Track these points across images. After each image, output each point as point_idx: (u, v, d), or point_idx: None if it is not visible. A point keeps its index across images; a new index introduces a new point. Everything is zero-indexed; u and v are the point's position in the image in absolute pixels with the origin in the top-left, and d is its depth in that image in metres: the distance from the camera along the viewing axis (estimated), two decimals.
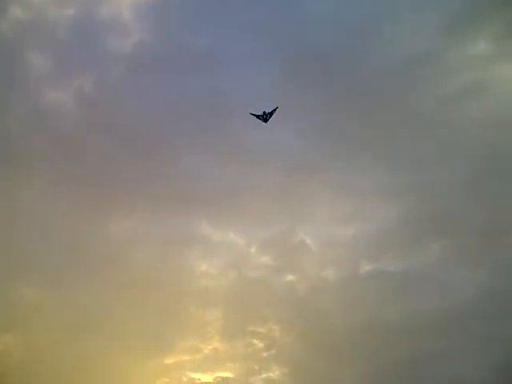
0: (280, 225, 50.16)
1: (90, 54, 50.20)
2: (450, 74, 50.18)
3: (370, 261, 50.32)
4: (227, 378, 45.32)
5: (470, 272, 47.53)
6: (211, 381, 44.45)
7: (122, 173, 46.92)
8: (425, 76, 50.72)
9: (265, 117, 16.14)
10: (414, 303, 46.96)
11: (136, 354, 44.36)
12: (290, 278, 49.78)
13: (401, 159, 50.48)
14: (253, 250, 50.40)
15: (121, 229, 47.72)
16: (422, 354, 44.27)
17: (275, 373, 46.52)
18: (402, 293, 48.24)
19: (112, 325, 44.37)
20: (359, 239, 49.28)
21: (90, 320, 44.12)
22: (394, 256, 50.67)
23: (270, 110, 16.49)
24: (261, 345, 46.82)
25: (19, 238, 45.80)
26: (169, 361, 45.42)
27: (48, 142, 46.86)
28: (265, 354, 46.76)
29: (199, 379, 44.16)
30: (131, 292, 45.45)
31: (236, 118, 48.32)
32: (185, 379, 44.78)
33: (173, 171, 48.17)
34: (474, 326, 44.28)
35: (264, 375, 46.19)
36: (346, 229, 50.71)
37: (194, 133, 48.21)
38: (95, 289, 44.80)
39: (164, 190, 47.65)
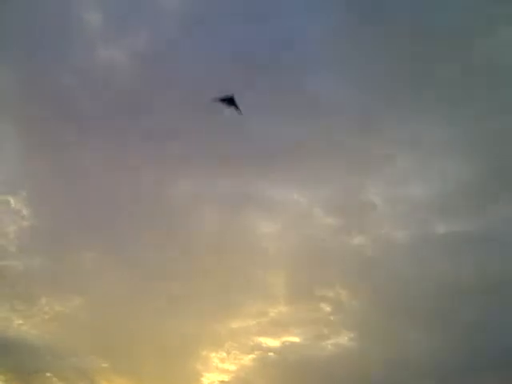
0: (345, 183, 47.44)
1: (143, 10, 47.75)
2: None
3: (443, 221, 47.34)
4: (294, 343, 44.59)
5: None
6: (278, 345, 43.84)
7: (181, 131, 44.96)
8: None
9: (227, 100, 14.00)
10: (492, 265, 44.35)
11: (201, 317, 44.17)
12: (356, 239, 47.52)
13: (477, 108, 46.15)
14: (317, 209, 48.00)
15: (181, 190, 46.29)
16: (497, 320, 42.13)
17: (344, 337, 45.40)
18: (479, 254, 45.46)
19: (175, 288, 44.08)
20: (432, 197, 46.10)
21: (153, 283, 44.00)
22: (470, 216, 47.39)
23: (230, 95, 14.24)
24: (328, 309, 45.44)
25: (78, 201, 45.41)
26: (235, 325, 44.98)
27: (104, 100, 45.37)
28: (332, 318, 45.50)
29: (266, 343, 43.57)
30: (193, 255, 44.93)
31: (297, 69, 45.44)
32: (251, 343, 44.43)
33: (232, 128, 45.93)
34: None
35: (332, 340, 45.18)
36: (417, 187, 47.68)
37: (254, 87, 45.23)
38: (157, 253, 44.44)
39: (223, 148, 45.60)
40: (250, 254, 45.98)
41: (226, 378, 44.26)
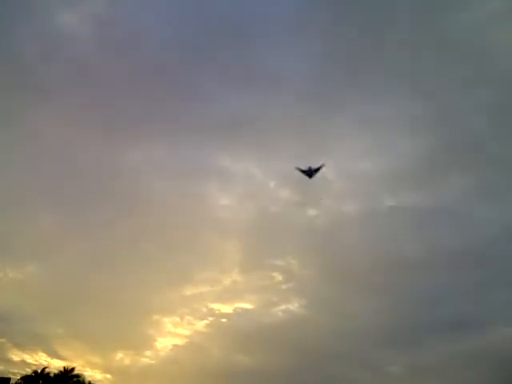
0: (300, 158, 48.71)
1: None
2: None
3: (391, 196, 49.54)
4: (246, 309, 45.89)
5: (494, 209, 46.85)
6: (231, 312, 45.02)
7: (138, 98, 45.45)
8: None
9: (310, 173, 15.14)
10: (434, 239, 46.62)
11: (155, 284, 44.70)
12: (309, 212, 49.22)
13: (426, 85, 48.04)
14: (272, 183, 49.50)
15: (137, 159, 47.09)
16: (439, 291, 44.33)
17: (294, 305, 47.04)
18: (422, 228, 47.74)
19: (130, 254, 44.55)
20: (381, 173, 47.91)
21: (108, 250, 44.38)
22: (416, 191, 49.75)
23: (315, 167, 15.47)
24: (280, 278, 47.00)
25: (35, 164, 45.26)
26: (189, 292, 46.03)
27: (63, 67, 45.44)
28: (284, 287, 47.08)
29: (219, 310, 44.68)
30: (149, 223, 45.36)
31: (259, 43, 46.52)
32: (204, 310, 45.47)
33: (190, 97, 46.73)
34: (494, 264, 44.11)
35: (283, 307, 46.73)
36: (367, 163, 49.64)
37: (214, 57, 45.98)
38: (112, 218, 44.76)
39: (181, 117, 46.41)
40: (206, 223, 46.96)
41: (179, 342, 45.16)
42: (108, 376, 39.03)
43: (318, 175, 51.37)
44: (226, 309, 45.05)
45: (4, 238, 43.33)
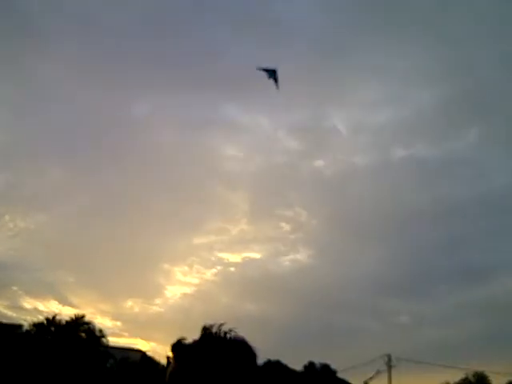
0: (310, 109, 47.99)
1: None
2: None
3: (402, 147, 49.13)
4: (254, 259, 46.26)
5: (507, 159, 46.23)
6: (239, 261, 45.31)
7: (146, 46, 43.99)
8: None
9: (272, 74, 13.63)
10: (444, 190, 46.29)
11: (164, 233, 45.13)
12: (318, 162, 49.04)
13: (438, 38, 46.27)
14: (281, 133, 48.74)
15: (144, 109, 46.19)
16: (449, 240, 44.46)
17: (301, 254, 47.55)
18: (435, 180, 47.26)
19: (139, 205, 44.59)
20: (393, 124, 46.98)
21: (117, 200, 44.56)
22: (429, 142, 49.21)
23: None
24: (287, 228, 47.20)
25: (40, 118, 44.80)
26: (197, 241, 46.29)
27: (63, 15, 44.07)
28: (292, 237, 47.32)
29: (227, 259, 44.94)
30: (157, 173, 45.20)
31: None
32: (213, 259, 45.76)
33: (197, 48, 45.35)
34: (504, 214, 43.77)
35: (291, 256, 47.26)
36: (379, 113, 48.72)
37: (226, 6, 44.29)
38: (121, 169, 44.42)
39: (190, 67, 45.11)
40: (214, 174, 46.81)
41: (188, 290, 45.88)
42: (118, 323, 39.92)
43: (323, 123, 50.82)
44: (235, 258, 45.46)
45: (13, 189, 43.89)
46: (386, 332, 41.07)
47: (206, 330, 1.02)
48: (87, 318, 26.08)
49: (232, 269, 45.91)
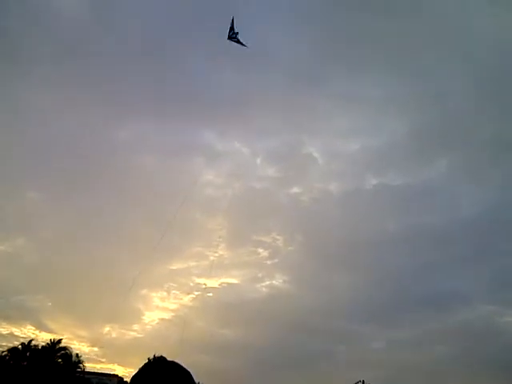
0: (287, 136, 49.49)
1: None
2: None
3: (375, 175, 50.41)
4: (232, 284, 46.84)
5: (476, 188, 47.82)
6: (217, 286, 45.76)
7: (125, 74, 45.27)
8: None
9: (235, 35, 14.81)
10: (416, 218, 47.70)
11: (142, 259, 45.06)
12: (294, 189, 50.03)
13: (413, 68, 48.40)
14: (258, 160, 49.93)
15: (124, 135, 47.20)
16: (420, 267, 45.70)
17: (278, 280, 48.13)
18: (406, 207, 48.84)
19: (118, 230, 45.22)
20: (366, 153, 48.51)
21: (95, 225, 44.97)
22: (400, 170, 50.89)
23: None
24: (265, 253, 47.91)
25: (21, 142, 45.33)
26: (175, 266, 46.73)
27: (50, 40, 45.03)
28: (268, 262, 48.06)
29: (205, 284, 45.15)
30: (136, 198, 45.81)
31: (246, 20, 46.01)
32: (191, 284, 46.17)
33: (177, 74, 46.77)
34: (475, 241, 45.33)
35: (267, 282, 47.83)
36: (353, 142, 50.37)
37: (200, 33, 45.73)
38: (99, 194, 45.05)
39: (168, 94, 46.30)
40: (193, 200, 47.29)
41: (166, 316, 46.15)
42: (95, 349, 39.88)
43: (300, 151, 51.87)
44: (212, 283, 45.56)
45: None
46: (359, 357, 41.70)
47: (149, 359, 1.84)
48: (64, 343, 26.27)
49: (209, 294, 46.14)
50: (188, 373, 1.76)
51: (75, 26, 46.17)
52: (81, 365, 25.78)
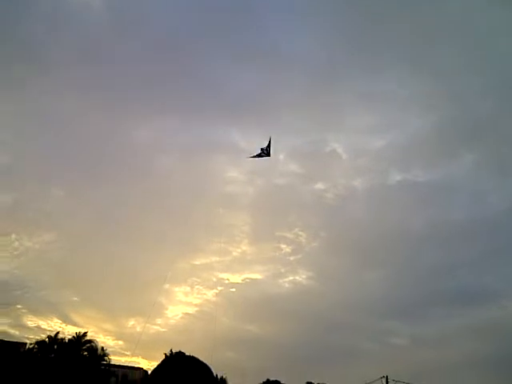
0: (310, 133, 49.18)
1: None
2: None
3: (400, 171, 49.92)
4: (255, 280, 46.84)
5: (502, 183, 47.07)
6: (240, 281, 45.89)
7: (150, 74, 45.85)
8: None
9: (264, 152, 15.02)
10: (442, 214, 47.25)
11: (166, 254, 45.54)
12: (318, 185, 49.68)
13: (434, 67, 47.85)
14: (281, 157, 49.64)
15: (149, 134, 47.69)
16: (446, 263, 45.12)
17: (301, 276, 47.94)
18: (431, 203, 48.39)
19: (143, 227, 45.63)
20: (391, 149, 48.12)
21: (122, 222, 45.47)
22: (425, 167, 50.12)
23: (265, 145, 15.37)
24: (288, 249, 47.76)
25: (47, 142, 46.19)
26: (199, 261, 46.88)
27: (70, 41, 45.80)
28: (291, 258, 47.89)
29: (228, 279, 45.39)
30: (161, 196, 46.31)
31: (270, 21, 46.64)
32: (214, 279, 46.05)
33: (201, 75, 47.06)
34: (503, 237, 44.42)
35: (290, 278, 47.68)
36: (377, 139, 50.05)
37: (226, 35, 46.15)
38: (126, 192, 45.67)
39: (193, 93, 46.87)
40: (216, 197, 47.32)
41: (189, 310, 46.37)
42: (120, 342, 40.41)
43: (323, 147, 51.88)
44: (235, 279, 46.01)
45: (20, 209, 45.11)
46: (383, 353, 41.46)
47: (166, 354, 1.94)
48: (89, 337, 26.44)
49: (233, 289, 46.48)
50: (207, 367, 1.80)
51: (96, 22, 47.32)
52: (106, 358, 25.93)
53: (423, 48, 47.51)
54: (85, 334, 25.84)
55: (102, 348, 26.15)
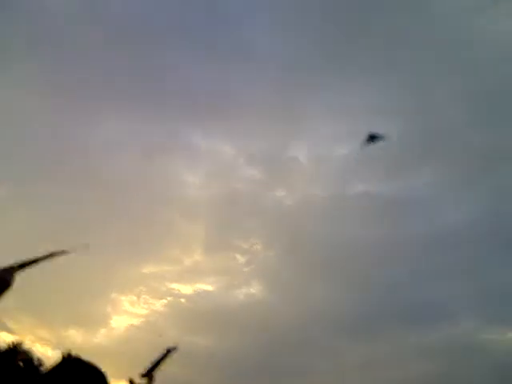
0: (272, 138, 48.19)
1: None
2: None
3: (360, 181, 49.38)
4: (207, 291, 45.08)
5: (462, 197, 47.32)
6: (191, 292, 43.98)
7: (100, 70, 43.27)
8: None
9: (375, 137, 13.50)
10: (400, 226, 46.89)
11: (113, 260, 43.30)
12: (277, 192, 48.38)
13: (401, 75, 47.96)
14: (241, 161, 48.19)
15: (101, 132, 44.90)
16: (406, 278, 44.70)
17: (255, 288, 46.61)
18: (390, 215, 47.99)
19: (90, 230, 42.67)
20: (351, 159, 47.45)
21: (66, 224, 42.56)
22: (385, 178, 49.81)
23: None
24: (242, 259, 46.17)
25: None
26: (147, 270, 44.63)
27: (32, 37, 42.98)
28: (246, 269, 46.35)
29: (178, 290, 43.45)
30: (111, 198, 43.80)
31: (234, 19, 45.36)
32: (164, 289, 44.12)
33: (162, 74, 45.08)
34: (461, 251, 44.67)
35: (244, 290, 46.27)
36: (338, 148, 49.34)
37: (187, 30, 44.51)
38: (72, 194, 42.75)
39: (149, 91, 44.64)
40: (170, 201, 45.59)
41: (135, 321, 43.90)
42: (59, 353, 37.69)
43: (284, 153, 50.90)
44: (186, 289, 43.95)
45: None
46: (336, 372, 40.46)
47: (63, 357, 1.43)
48: (26, 346, 25.12)
49: (183, 300, 44.43)
50: (102, 375, 1.88)
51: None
52: (42, 369, 24.25)
53: (390, 59, 47.31)
54: (21, 344, 24.24)
55: (38, 359, 25.11)
